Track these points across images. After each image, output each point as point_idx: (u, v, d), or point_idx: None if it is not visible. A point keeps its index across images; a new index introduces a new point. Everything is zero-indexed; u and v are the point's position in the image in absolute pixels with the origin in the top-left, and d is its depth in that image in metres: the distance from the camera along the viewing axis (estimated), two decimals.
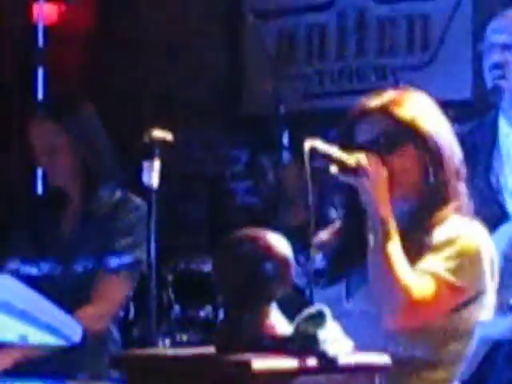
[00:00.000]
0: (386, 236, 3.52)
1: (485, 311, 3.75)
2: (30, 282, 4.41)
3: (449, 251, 3.52)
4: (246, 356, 2.69)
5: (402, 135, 3.62)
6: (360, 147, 3.66)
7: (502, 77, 4.49)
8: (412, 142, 3.62)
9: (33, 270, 4.85)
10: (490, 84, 4.57)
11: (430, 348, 3.52)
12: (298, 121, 6.98)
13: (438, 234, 3.52)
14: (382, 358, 3.03)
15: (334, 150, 3.64)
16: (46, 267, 4.85)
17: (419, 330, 3.54)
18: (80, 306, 4.61)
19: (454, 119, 7.85)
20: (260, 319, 2.86)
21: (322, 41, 7.89)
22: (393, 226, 3.55)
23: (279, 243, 2.89)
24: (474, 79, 7.05)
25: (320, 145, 3.55)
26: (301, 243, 4.23)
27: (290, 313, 2.95)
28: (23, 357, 4.51)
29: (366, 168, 3.57)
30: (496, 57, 4.52)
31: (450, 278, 3.46)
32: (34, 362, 4.59)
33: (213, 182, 7.13)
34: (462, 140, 4.85)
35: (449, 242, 3.51)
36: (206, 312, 6.48)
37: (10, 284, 4.17)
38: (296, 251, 3.06)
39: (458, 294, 3.53)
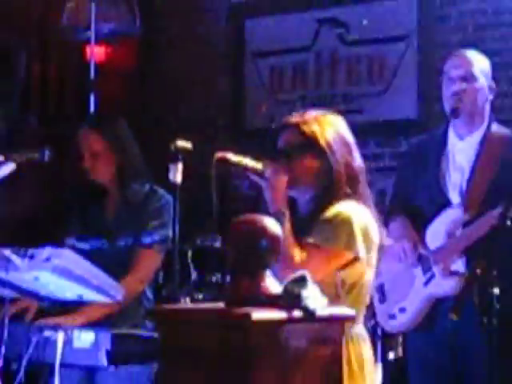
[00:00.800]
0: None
1: (370, 269, 3.75)
2: (84, 254, 4.30)
3: (328, 224, 3.56)
4: (247, 309, 2.80)
5: (305, 146, 3.66)
6: (279, 152, 3.78)
7: (461, 101, 4.51)
8: (312, 152, 3.66)
9: (85, 246, 4.82)
10: (449, 108, 4.56)
11: (330, 296, 3.35)
12: None
13: (327, 213, 3.55)
14: (346, 310, 3.27)
15: (244, 160, 3.77)
16: (95, 243, 4.82)
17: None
18: (121, 272, 4.56)
19: (403, 133, 7.66)
20: (257, 282, 2.95)
21: (303, 74, 7.87)
22: (285, 216, 3.59)
23: (271, 225, 3.01)
24: (418, 103, 7.14)
25: (232, 156, 3.73)
26: None
27: None
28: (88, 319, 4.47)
29: (268, 172, 3.67)
30: (455, 87, 4.55)
31: (328, 246, 3.53)
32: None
33: (222, 180, 6.95)
34: (418, 147, 5.10)
35: (329, 218, 3.55)
36: (216, 277, 6.50)
37: (70, 255, 4.02)
38: None
39: (336, 257, 3.57)
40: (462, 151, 4.78)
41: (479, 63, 4.71)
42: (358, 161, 3.84)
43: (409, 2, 7.41)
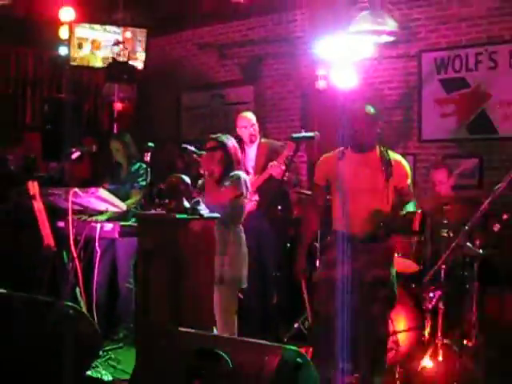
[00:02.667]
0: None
1: (248, 203, 5.09)
2: (111, 191, 5.97)
3: (231, 181, 4.88)
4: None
5: (218, 147, 5.03)
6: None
7: None
8: (222, 151, 5.04)
9: (112, 187, 6.42)
10: None
11: (225, 215, 4.77)
12: None
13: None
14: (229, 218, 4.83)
15: (198, 151, 5.34)
16: (116, 186, 6.55)
17: (223, 207, 4.77)
18: (125, 199, 6.29)
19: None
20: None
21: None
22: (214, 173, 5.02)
23: (185, 178, 4.81)
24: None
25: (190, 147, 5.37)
26: None
27: None
28: None
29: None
30: None
31: (229, 187, 4.86)
32: None
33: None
34: None
35: (232, 179, 4.91)
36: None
37: (104, 192, 5.77)
38: None
39: (231, 192, 4.86)
40: None
41: None
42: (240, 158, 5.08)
43: None
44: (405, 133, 7.91)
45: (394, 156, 4.61)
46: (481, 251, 5.33)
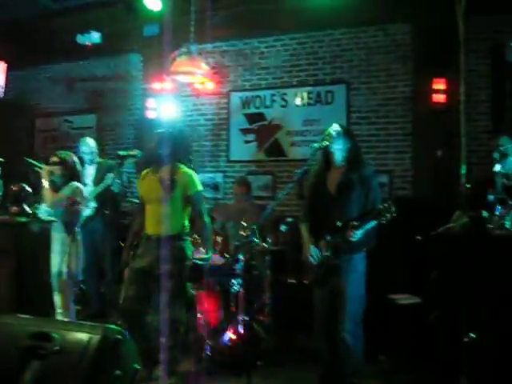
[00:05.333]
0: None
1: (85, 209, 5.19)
2: None
3: (69, 190, 4.65)
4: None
5: (59, 162, 4.73)
6: None
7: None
8: (62, 165, 4.75)
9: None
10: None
11: (63, 219, 4.57)
12: None
13: None
14: None
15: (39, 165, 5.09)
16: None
17: (61, 212, 4.60)
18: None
19: None
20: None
21: None
22: None
23: None
24: None
25: None
26: None
27: None
28: None
29: None
30: None
31: (66, 195, 4.56)
32: None
33: None
34: None
35: (70, 188, 4.60)
36: None
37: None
38: None
39: (68, 199, 4.60)
40: None
41: None
42: None
43: None
44: (216, 154, 8.06)
45: (184, 170, 4.48)
46: (273, 247, 5.48)
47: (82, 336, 2.70)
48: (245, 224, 5.13)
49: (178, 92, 7.70)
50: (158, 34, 7.61)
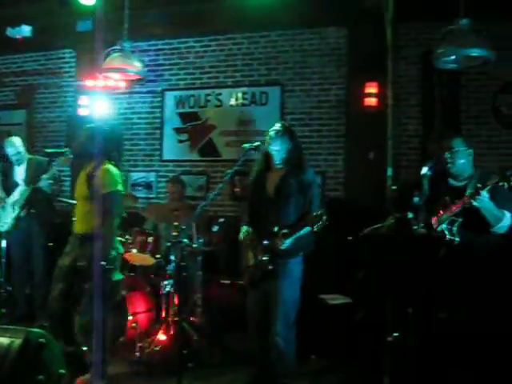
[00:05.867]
0: None
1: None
2: None
3: None
4: None
5: None
6: None
7: None
8: None
9: None
10: None
11: None
12: None
13: None
14: None
15: None
16: None
17: None
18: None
19: None
20: None
21: None
22: None
23: None
24: None
25: None
26: None
27: None
28: None
29: None
30: None
31: None
32: None
33: None
34: None
35: None
36: None
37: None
38: None
39: None
40: None
41: None
42: None
43: None
44: (150, 154, 8.00)
45: (105, 167, 4.32)
46: (205, 247, 5.45)
47: (3, 340, 2.70)
48: (176, 224, 5.06)
49: (112, 89, 7.54)
50: (92, 29, 7.47)
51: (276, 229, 3.79)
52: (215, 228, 5.57)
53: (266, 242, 3.89)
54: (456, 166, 3.80)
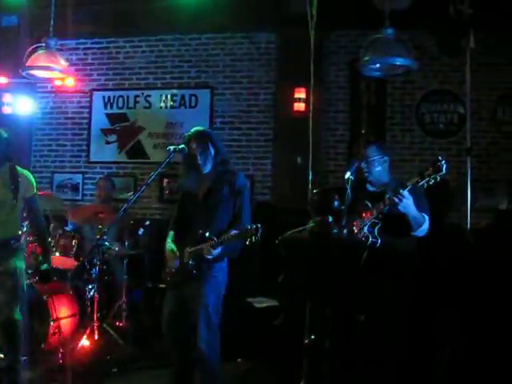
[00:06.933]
0: None
1: None
2: None
3: None
4: None
5: None
6: None
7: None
8: None
9: None
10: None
11: None
12: None
13: None
14: None
15: None
16: None
17: None
18: None
19: None
20: None
21: None
22: None
23: None
24: None
25: None
26: None
27: None
28: None
29: None
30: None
31: None
32: None
33: None
34: None
35: None
36: None
37: None
38: None
39: None
40: None
41: None
42: None
43: None
44: (76, 155, 7.85)
45: (22, 171, 4.22)
46: (131, 251, 5.36)
47: None
48: (100, 227, 4.95)
49: (37, 88, 7.41)
50: (17, 25, 7.25)
51: (207, 234, 3.67)
52: (141, 231, 5.46)
53: (192, 248, 3.79)
54: (372, 175, 3.88)
